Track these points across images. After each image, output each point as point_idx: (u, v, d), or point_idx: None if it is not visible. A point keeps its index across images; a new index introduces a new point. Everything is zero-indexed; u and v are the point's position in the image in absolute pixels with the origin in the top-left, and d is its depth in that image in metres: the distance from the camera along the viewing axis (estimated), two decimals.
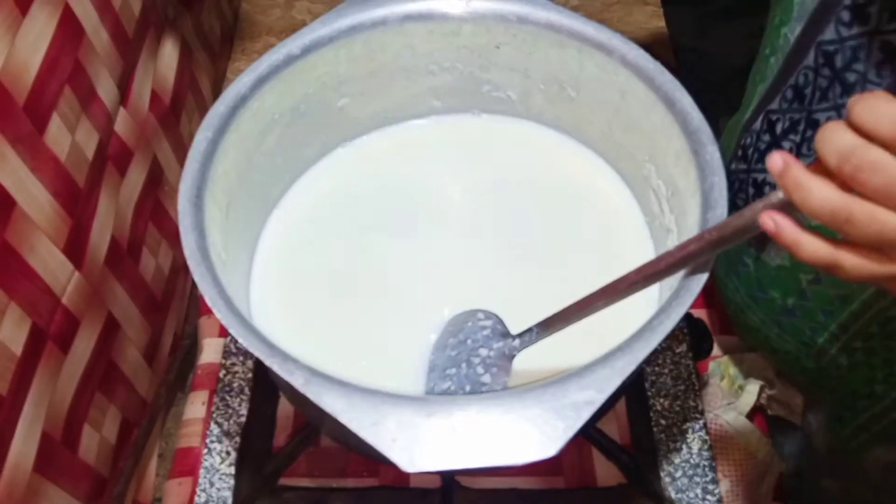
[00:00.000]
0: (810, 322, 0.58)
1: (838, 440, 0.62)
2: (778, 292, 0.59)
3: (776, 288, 0.59)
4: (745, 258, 0.62)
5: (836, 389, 0.60)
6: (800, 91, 0.52)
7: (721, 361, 0.74)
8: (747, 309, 0.65)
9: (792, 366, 0.64)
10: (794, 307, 0.58)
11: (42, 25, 0.57)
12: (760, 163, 0.57)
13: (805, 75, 0.52)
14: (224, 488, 0.61)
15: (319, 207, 0.61)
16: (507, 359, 0.49)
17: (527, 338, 0.49)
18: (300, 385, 0.39)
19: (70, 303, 0.62)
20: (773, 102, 0.56)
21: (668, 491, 0.60)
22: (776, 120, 0.55)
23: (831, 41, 0.48)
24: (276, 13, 1.08)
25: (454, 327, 0.53)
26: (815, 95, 0.51)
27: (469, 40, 0.58)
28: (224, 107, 0.51)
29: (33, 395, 0.58)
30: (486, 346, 0.50)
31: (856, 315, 0.54)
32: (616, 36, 0.53)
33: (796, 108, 0.53)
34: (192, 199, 0.47)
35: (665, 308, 0.42)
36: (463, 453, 0.37)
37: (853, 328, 0.54)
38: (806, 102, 0.52)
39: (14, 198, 0.54)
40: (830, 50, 0.49)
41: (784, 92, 0.54)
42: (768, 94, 0.56)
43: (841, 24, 0.47)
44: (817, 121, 0.51)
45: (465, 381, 0.49)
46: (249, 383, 0.66)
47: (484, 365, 0.49)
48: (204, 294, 0.43)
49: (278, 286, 0.57)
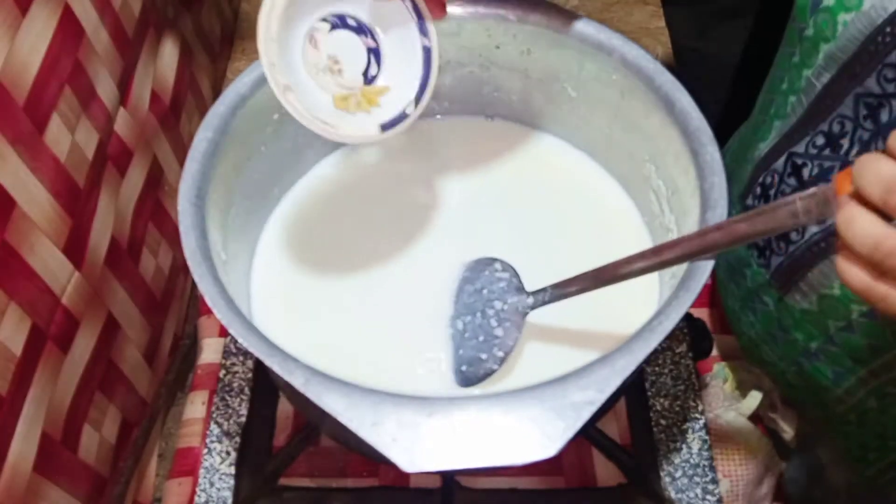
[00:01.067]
0: (835, 366, 0.57)
1: (862, 478, 0.62)
2: (801, 335, 0.58)
3: (799, 331, 0.58)
4: (765, 297, 0.61)
5: (863, 429, 0.59)
6: (833, 139, 0.51)
7: (726, 365, 0.74)
8: (763, 344, 0.64)
9: (809, 402, 0.63)
10: (818, 351, 0.57)
11: (42, 25, 0.57)
12: None
13: (841, 124, 0.50)
14: (224, 488, 0.61)
15: (319, 207, 0.61)
16: (520, 315, 0.50)
17: (540, 297, 0.50)
18: (300, 385, 0.39)
19: (70, 303, 0.62)
20: (799, 146, 0.54)
21: (668, 491, 0.60)
22: (802, 164, 0.54)
23: (874, 95, 0.47)
24: None
25: (472, 273, 0.54)
26: (854, 146, 0.50)
27: (469, 40, 0.58)
28: (224, 107, 0.51)
29: (33, 395, 0.58)
30: (500, 298, 0.51)
31: (889, 364, 0.53)
32: (616, 36, 0.53)
33: (828, 155, 0.51)
34: (192, 199, 0.47)
35: (665, 308, 0.42)
36: (463, 453, 0.37)
37: (885, 375, 0.53)
38: (842, 152, 0.50)
39: (14, 198, 0.54)
40: (874, 103, 0.47)
41: (813, 138, 0.53)
42: (791, 135, 0.55)
43: (884, 80, 0.46)
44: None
45: (479, 331, 0.51)
46: (249, 383, 0.66)
47: (497, 318, 0.51)
48: (204, 294, 0.43)
49: (278, 286, 0.57)
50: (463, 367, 0.51)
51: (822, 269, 0.53)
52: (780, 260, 0.57)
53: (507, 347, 0.50)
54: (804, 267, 0.55)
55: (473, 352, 0.51)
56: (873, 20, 0.45)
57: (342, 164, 0.64)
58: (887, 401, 0.55)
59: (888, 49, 0.45)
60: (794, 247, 0.55)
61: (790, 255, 0.56)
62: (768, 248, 0.58)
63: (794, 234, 0.55)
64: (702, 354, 0.66)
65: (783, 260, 0.57)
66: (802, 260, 0.55)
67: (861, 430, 0.59)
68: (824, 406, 0.61)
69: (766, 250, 0.58)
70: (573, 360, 0.41)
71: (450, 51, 0.59)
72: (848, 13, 0.47)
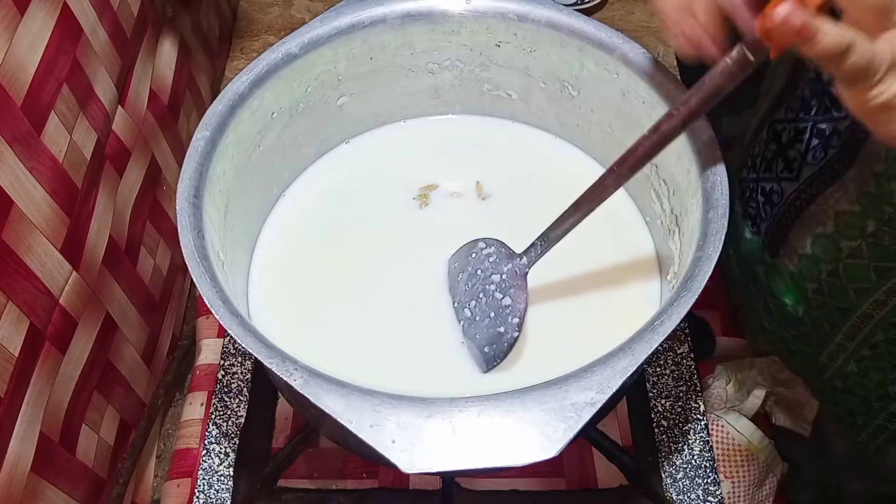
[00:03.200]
0: (818, 332, 0.58)
1: (856, 444, 0.62)
2: (789, 299, 0.59)
3: (788, 295, 0.59)
4: (758, 266, 0.61)
5: (848, 394, 0.60)
6: (806, 102, 0.52)
7: (729, 366, 0.73)
8: (763, 312, 0.64)
9: (807, 371, 0.64)
10: (803, 316, 0.58)
11: (40, 24, 0.57)
12: (768, 171, 0.57)
13: (811, 88, 0.52)
14: (223, 490, 0.61)
15: (318, 207, 0.61)
16: (520, 277, 0.51)
17: (533, 253, 0.50)
18: (299, 386, 0.38)
19: (68, 303, 0.62)
20: (779, 113, 0.56)
21: (669, 492, 0.60)
22: (781, 130, 0.55)
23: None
24: (275, 11, 1.08)
25: (459, 263, 0.54)
26: (821, 107, 0.51)
27: (469, 39, 0.58)
28: (223, 106, 0.51)
29: (31, 395, 0.58)
30: (496, 271, 0.51)
31: (857, 326, 0.54)
32: (617, 34, 0.53)
33: (802, 118, 0.53)
34: (190, 198, 0.47)
35: (666, 308, 0.42)
36: (463, 454, 0.37)
37: (858, 336, 0.54)
38: (812, 112, 0.52)
39: (11, 197, 0.54)
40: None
41: (790, 103, 0.54)
42: (774, 104, 0.57)
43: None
44: (823, 130, 0.51)
45: (488, 310, 0.51)
46: (248, 384, 0.65)
47: (500, 290, 0.51)
48: (202, 294, 0.43)
49: (277, 286, 0.57)
50: (485, 348, 0.51)
51: (797, 229, 0.54)
52: (767, 224, 0.58)
53: (520, 311, 0.50)
54: (785, 229, 0.56)
55: (490, 330, 0.51)
56: None
57: (341, 163, 0.63)
58: (865, 363, 0.56)
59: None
60: (776, 209, 0.56)
61: (773, 218, 0.57)
62: (758, 216, 0.59)
63: (776, 196, 0.56)
64: (704, 355, 0.66)
65: (769, 224, 0.58)
66: (783, 222, 0.56)
67: (847, 395, 0.60)
68: (819, 376, 0.62)
69: (757, 218, 0.60)
70: (573, 360, 0.41)
71: (450, 49, 0.59)
72: None
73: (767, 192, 0.57)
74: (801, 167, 0.53)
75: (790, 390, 0.70)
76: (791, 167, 0.54)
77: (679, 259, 0.50)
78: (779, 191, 0.56)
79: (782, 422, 0.71)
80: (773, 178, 0.56)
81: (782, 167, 0.55)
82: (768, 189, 0.57)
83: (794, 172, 0.54)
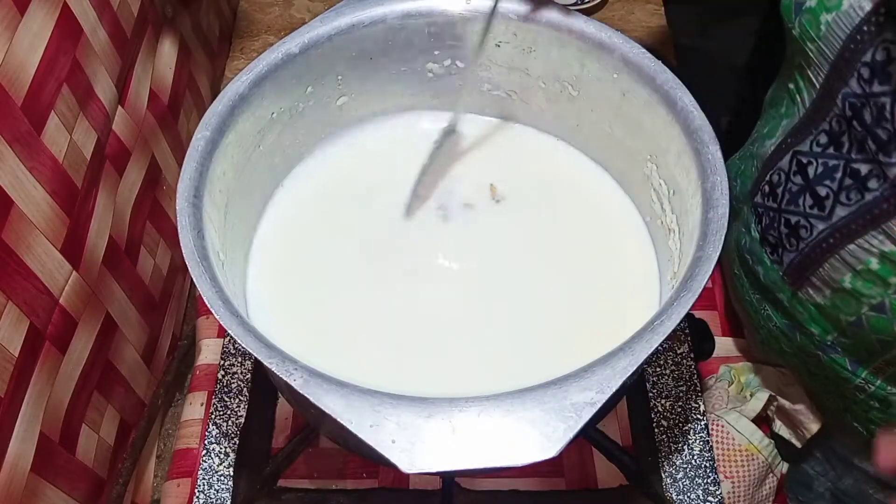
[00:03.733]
0: (851, 357, 0.58)
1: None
2: (817, 328, 0.59)
3: (815, 325, 0.59)
4: (780, 293, 0.61)
5: (884, 413, 0.59)
6: (835, 137, 0.52)
7: (733, 367, 0.73)
8: (782, 336, 0.64)
9: (831, 391, 0.63)
10: (833, 343, 0.58)
11: (40, 24, 0.57)
12: (793, 204, 0.56)
13: (839, 123, 0.51)
14: (223, 490, 0.61)
15: (317, 207, 0.61)
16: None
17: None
18: (299, 386, 0.38)
19: (68, 303, 0.62)
20: (803, 144, 0.55)
21: (669, 492, 0.60)
22: (807, 163, 0.54)
23: (857, 95, 0.48)
24: (274, 11, 1.08)
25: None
26: (853, 145, 0.50)
27: (469, 39, 0.58)
28: (222, 106, 0.51)
29: (31, 395, 0.58)
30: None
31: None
32: (617, 35, 0.53)
33: (831, 154, 0.52)
34: (190, 198, 0.47)
35: (666, 308, 0.41)
36: (463, 454, 0.37)
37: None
38: (844, 150, 0.51)
39: (12, 197, 0.54)
40: (857, 104, 0.48)
41: (816, 136, 0.53)
42: (795, 133, 0.56)
43: (862, 80, 0.47)
44: (857, 171, 0.50)
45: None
46: (248, 384, 0.65)
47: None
48: (202, 294, 0.43)
49: (275, 285, 0.57)
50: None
51: (833, 263, 0.54)
52: (792, 256, 0.58)
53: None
54: (815, 263, 0.55)
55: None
56: (852, 19, 0.46)
57: (341, 163, 0.63)
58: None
59: (864, 48, 0.45)
60: (804, 243, 0.56)
61: (800, 251, 0.56)
62: (780, 245, 0.59)
63: (803, 230, 0.55)
64: (703, 355, 0.66)
65: (794, 256, 0.57)
66: (812, 256, 0.55)
67: (884, 415, 0.59)
68: (845, 395, 0.61)
69: (778, 247, 0.59)
70: (573, 360, 0.41)
71: (450, 49, 0.59)
72: (829, 13, 0.48)
73: (793, 225, 0.56)
74: (833, 206, 0.52)
75: (794, 405, 0.69)
76: (822, 205, 0.53)
77: (679, 259, 0.50)
78: (807, 226, 0.55)
79: (780, 429, 0.71)
80: (800, 213, 0.55)
81: (811, 203, 0.54)
82: (794, 222, 0.56)
83: (826, 210, 0.53)
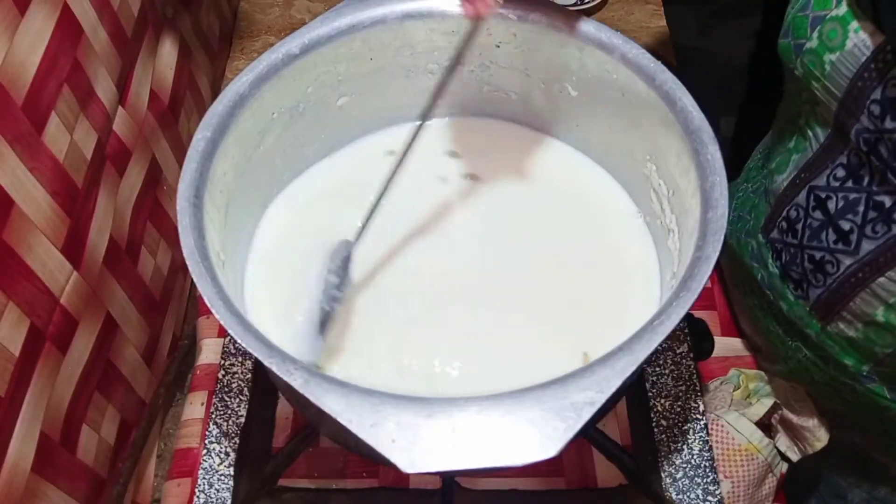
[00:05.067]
0: (890, 385, 0.57)
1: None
2: (851, 360, 0.59)
3: (848, 357, 0.59)
4: (807, 329, 0.61)
5: None
6: (853, 171, 0.51)
7: (744, 372, 0.73)
8: (813, 367, 0.64)
9: (868, 417, 0.63)
10: (870, 373, 0.58)
11: (40, 25, 0.57)
12: (815, 240, 0.56)
13: (857, 156, 0.51)
14: (223, 489, 0.61)
15: (317, 207, 0.61)
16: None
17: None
18: (299, 385, 0.38)
19: (68, 303, 0.62)
20: (819, 179, 0.55)
21: (668, 492, 0.60)
22: (826, 198, 0.54)
23: (870, 130, 0.48)
24: (275, 12, 1.08)
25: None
26: (874, 178, 0.50)
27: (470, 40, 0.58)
28: (223, 106, 0.51)
29: (32, 395, 0.58)
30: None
31: None
32: (616, 35, 0.53)
33: (850, 187, 0.52)
34: (190, 198, 0.47)
35: (665, 308, 0.42)
36: (463, 454, 0.37)
37: None
38: (864, 183, 0.51)
39: (12, 197, 0.54)
40: (871, 139, 0.48)
41: (833, 171, 0.53)
42: (809, 168, 0.56)
43: (873, 117, 0.46)
44: (881, 203, 0.50)
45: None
46: (248, 384, 0.65)
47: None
48: (203, 294, 0.43)
49: (276, 286, 0.57)
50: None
51: (864, 297, 0.53)
52: (819, 292, 0.57)
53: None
54: (844, 298, 0.55)
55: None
56: (857, 58, 0.46)
57: (340, 163, 0.63)
58: None
59: (873, 86, 0.45)
60: (831, 279, 0.55)
61: (828, 287, 0.56)
62: (804, 281, 0.58)
63: (829, 266, 0.55)
64: (703, 355, 0.66)
65: (822, 292, 0.57)
66: (841, 291, 0.55)
67: None
68: (884, 420, 0.61)
69: (803, 283, 0.58)
70: (573, 360, 0.41)
71: (450, 49, 0.59)
72: (833, 53, 0.48)
73: (818, 261, 0.56)
74: (859, 240, 0.52)
75: (801, 420, 0.69)
76: (847, 239, 0.53)
77: (678, 259, 0.50)
78: (833, 261, 0.55)
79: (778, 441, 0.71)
80: (825, 248, 0.55)
81: (835, 238, 0.54)
82: (819, 258, 0.56)
83: (851, 245, 0.53)
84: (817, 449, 0.68)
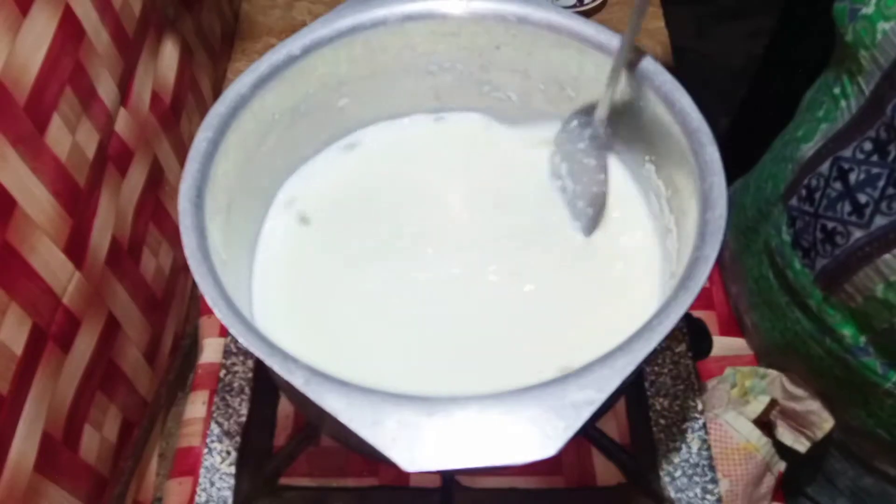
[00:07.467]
0: (884, 359, 0.58)
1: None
2: (849, 330, 0.59)
3: (847, 327, 0.59)
4: (808, 299, 0.61)
5: None
6: (881, 145, 0.51)
7: (739, 370, 0.73)
8: (810, 340, 0.64)
9: (854, 398, 0.64)
10: (867, 344, 0.58)
11: (43, 26, 0.57)
12: (831, 210, 0.56)
13: (888, 131, 0.51)
14: (224, 488, 0.61)
15: (319, 207, 0.61)
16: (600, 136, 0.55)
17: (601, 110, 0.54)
18: (300, 384, 0.39)
19: (71, 303, 0.62)
20: (846, 150, 0.55)
21: (667, 490, 0.60)
22: (849, 169, 0.54)
23: None
24: (276, 14, 1.08)
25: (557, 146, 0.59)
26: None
27: (469, 41, 0.58)
28: (224, 107, 0.51)
29: (34, 394, 0.58)
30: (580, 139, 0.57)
31: None
32: (616, 36, 0.53)
33: (875, 162, 0.52)
34: (192, 199, 0.47)
35: (665, 308, 0.42)
36: (463, 453, 0.37)
37: None
38: (889, 159, 0.51)
39: (15, 198, 0.54)
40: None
41: (860, 143, 0.53)
42: (838, 139, 0.56)
43: None
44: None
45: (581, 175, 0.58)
46: (250, 383, 0.66)
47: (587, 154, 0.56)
48: (204, 294, 0.43)
49: (279, 285, 0.57)
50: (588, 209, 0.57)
51: (867, 272, 0.54)
52: (825, 262, 0.57)
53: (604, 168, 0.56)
54: (849, 271, 0.55)
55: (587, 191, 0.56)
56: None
57: (343, 163, 0.64)
58: None
59: None
60: (840, 250, 0.56)
61: (835, 258, 0.56)
62: (813, 250, 0.58)
63: (839, 237, 0.55)
64: (701, 354, 0.67)
65: (828, 262, 0.57)
66: (847, 263, 0.55)
67: None
68: (869, 402, 0.61)
69: (811, 251, 0.59)
70: (573, 360, 0.41)
71: (450, 51, 0.59)
72: (888, 22, 0.47)
73: (829, 231, 0.56)
74: (873, 215, 0.52)
75: (803, 406, 0.69)
76: (861, 212, 0.53)
77: (678, 259, 0.50)
78: (843, 232, 0.55)
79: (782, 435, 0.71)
80: (837, 219, 0.55)
81: (850, 210, 0.54)
82: (830, 228, 0.56)
83: (864, 218, 0.53)
84: (826, 431, 0.68)
